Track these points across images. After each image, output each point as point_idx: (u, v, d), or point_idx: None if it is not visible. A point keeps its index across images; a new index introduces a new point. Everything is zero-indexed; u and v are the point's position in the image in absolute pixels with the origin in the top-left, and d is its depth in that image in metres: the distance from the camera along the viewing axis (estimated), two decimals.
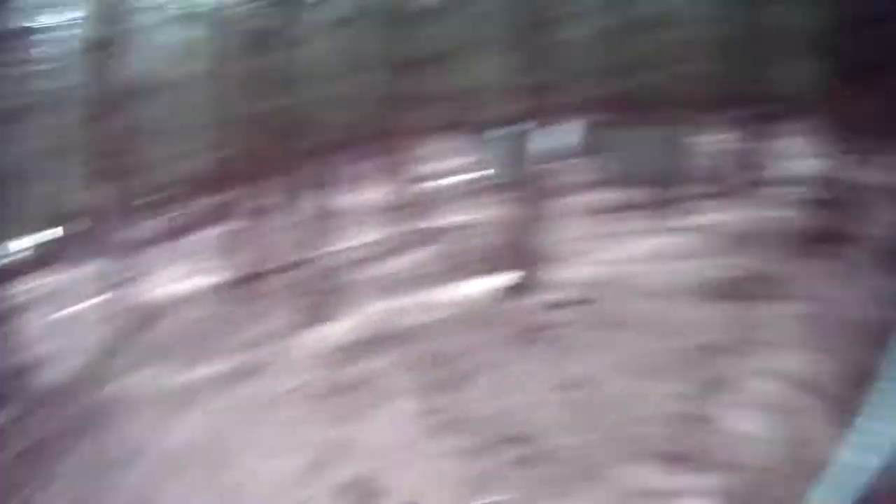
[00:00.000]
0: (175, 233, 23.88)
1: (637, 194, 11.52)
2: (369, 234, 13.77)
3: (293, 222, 16.52)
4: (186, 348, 9.84)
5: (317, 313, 8.82)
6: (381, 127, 22.85)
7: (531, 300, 7.80)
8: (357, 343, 7.85)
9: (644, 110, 12.56)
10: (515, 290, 8.09)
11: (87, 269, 20.40)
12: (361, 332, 8.13)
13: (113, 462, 6.95)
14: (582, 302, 7.51)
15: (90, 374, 10.22)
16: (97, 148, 12.51)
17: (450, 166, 18.10)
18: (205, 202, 28.14)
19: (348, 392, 6.64)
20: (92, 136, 13.14)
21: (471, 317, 7.83)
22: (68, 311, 15.98)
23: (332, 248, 9.38)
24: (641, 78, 12.14)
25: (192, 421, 7.22)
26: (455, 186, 17.19)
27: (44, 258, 22.18)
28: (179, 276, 16.73)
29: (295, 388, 7.12)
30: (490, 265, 9.37)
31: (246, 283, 12.66)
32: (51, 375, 10.91)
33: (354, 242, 12.73)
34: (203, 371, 8.64)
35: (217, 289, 13.03)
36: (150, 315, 12.15)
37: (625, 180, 12.69)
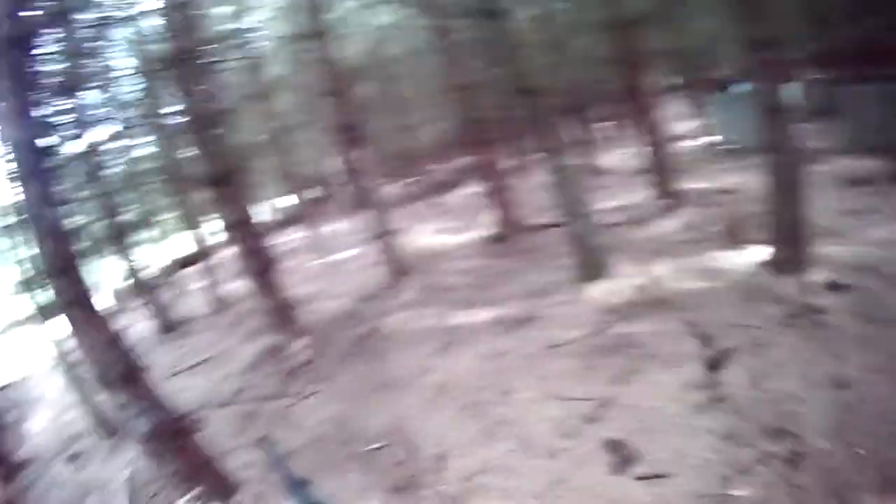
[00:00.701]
0: (426, 193, 25.29)
1: (881, 163, 9.88)
2: (620, 197, 13.95)
3: (539, 184, 16.82)
4: (454, 295, 10.83)
5: (582, 272, 8.99)
6: (607, 90, 22.11)
7: (795, 278, 7.10)
8: (623, 304, 7.93)
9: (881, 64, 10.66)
10: (777, 265, 7.43)
11: (346, 224, 22.64)
12: (627, 294, 8.17)
13: (379, 386, 8.14)
14: (848, 288, 6.65)
15: (358, 311, 11.91)
16: (337, 121, 13.61)
17: (681, 129, 17.20)
18: (447, 166, 29.40)
19: (615, 353, 6.80)
20: (329, 111, 14.27)
21: (734, 289, 7.42)
22: (332, 258, 18.21)
23: (587, 209, 8.97)
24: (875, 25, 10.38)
25: (463, 360, 8.05)
26: (691, 151, 16.63)
27: (305, 215, 24.88)
28: (435, 231, 18.03)
29: (565, 343, 7.43)
30: (746, 236, 8.81)
31: (503, 240, 13.44)
32: (321, 309, 12.85)
33: (608, 204, 12.89)
34: (474, 316, 9.43)
35: (477, 243, 14.07)
36: (412, 264, 13.57)
37: (864, 146, 11.04)
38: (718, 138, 16.75)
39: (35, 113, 5.69)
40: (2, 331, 36.04)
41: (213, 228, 36.24)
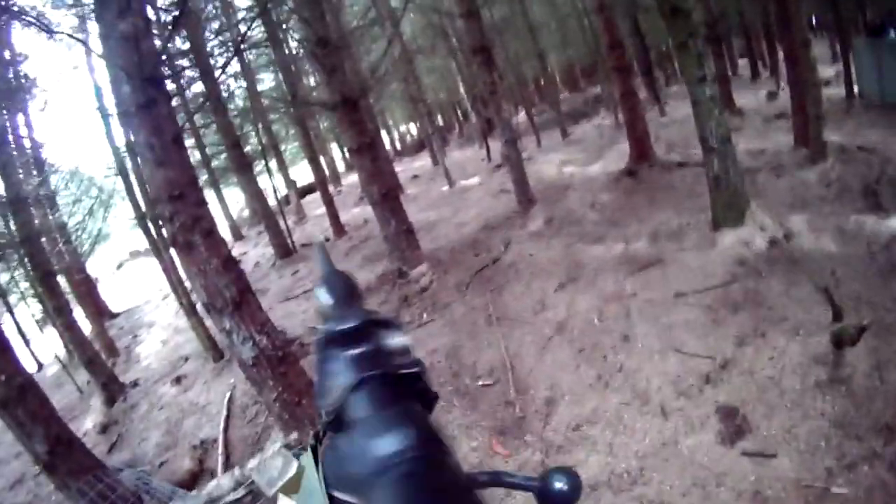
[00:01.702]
0: (556, 122, 24.33)
1: None
2: (758, 141, 12.97)
3: (678, 119, 15.87)
4: (581, 228, 10.75)
5: (717, 216, 8.52)
6: (752, 22, 20.16)
7: None
8: (756, 258, 7.50)
9: None
10: None
11: (474, 152, 22.27)
12: (761, 247, 7.69)
13: (496, 319, 8.22)
14: None
15: (481, 239, 12.07)
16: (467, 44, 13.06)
17: (823, 74, 15.48)
18: (580, 95, 28.19)
19: (742, 310, 6.51)
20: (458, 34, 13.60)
21: (872, 260, 6.82)
22: (458, 186, 17.42)
23: (730, 148, 8.30)
24: None
25: (586, 299, 7.97)
26: (832, 99, 14.66)
27: (431, 141, 24.51)
28: (565, 161, 17.57)
29: (692, 292, 7.18)
30: (891, 202, 7.99)
31: (635, 175, 12.86)
32: (443, 236, 13.21)
33: (746, 147, 11.97)
34: (601, 253, 9.29)
35: (608, 177, 13.60)
36: (539, 194, 13.37)
37: None
38: (860, 89, 15.18)
39: (148, 40, 5.49)
40: (122, 261, 39.24)
41: (336, 156, 37.11)
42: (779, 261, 7.34)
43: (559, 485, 0.70)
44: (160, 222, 5.71)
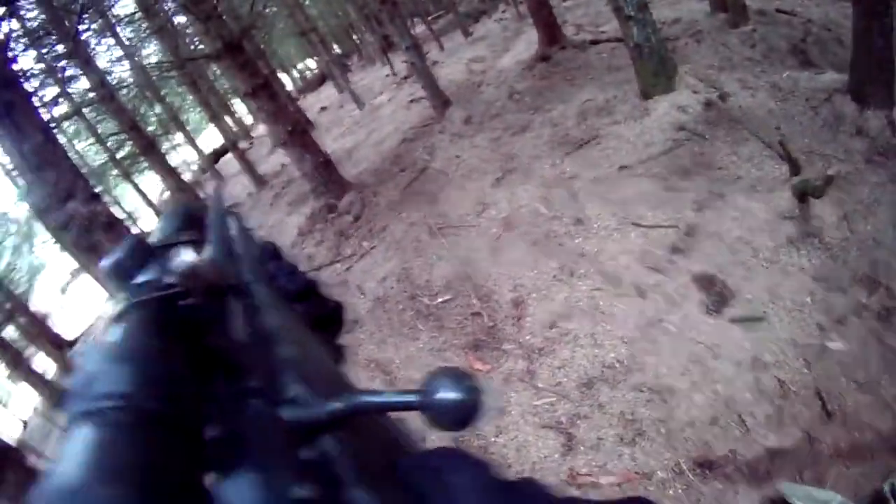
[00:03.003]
0: (456, 25, 23.39)
1: None
2: (674, 9, 12.60)
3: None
4: (504, 121, 10.22)
5: (645, 86, 8.07)
6: None
7: (878, 114, 6.11)
8: (695, 121, 7.10)
9: None
10: (857, 96, 6.35)
11: (378, 71, 21.98)
12: (698, 110, 7.28)
13: (438, 230, 7.66)
14: None
15: (403, 153, 11.00)
16: None
17: None
18: None
19: (694, 175, 6.21)
20: None
21: (812, 114, 6.59)
22: (368, 106, 16.69)
23: (649, 14, 7.86)
24: None
25: (526, 190, 7.46)
26: None
27: (333, 70, 23.90)
28: (473, 59, 16.70)
29: (637, 163, 6.80)
30: (820, 60, 7.94)
31: (549, 60, 12.10)
32: (364, 159, 12.44)
33: (663, 16, 11.57)
34: (530, 141, 8.83)
35: (521, 66, 12.78)
36: (452, 96, 12.59)
37: None
38: None
39: None
40: (64, 284, 37.19)
41: (242, 110, 35.66)
42: (719, 121, 6.96)
43: (444, 394, 0.49)
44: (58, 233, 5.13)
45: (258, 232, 0.87)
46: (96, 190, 5.42)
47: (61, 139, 5.44)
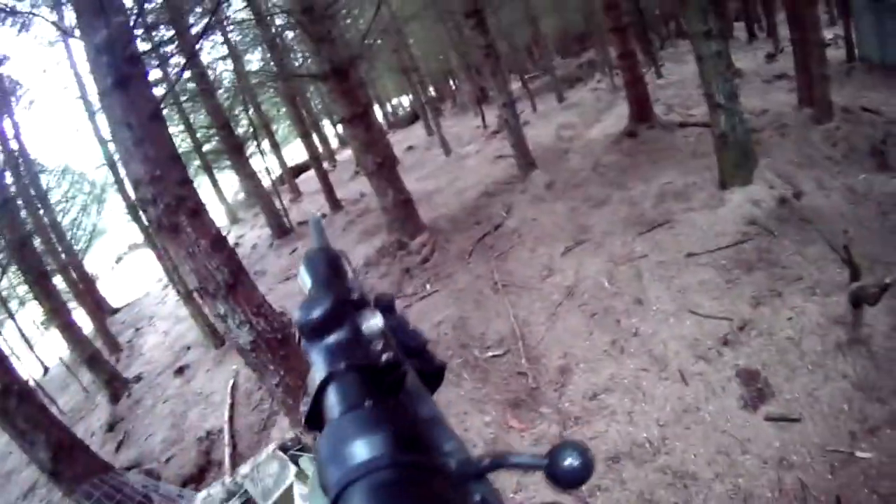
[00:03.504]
0: (553, 88, 23.95)
1: None
2: (762, 101, 12.68)
3: (679, 80, 15.51)
4: (584, 191, 10.45)
5: (725, 175, 8.24)
6: None
7: None
8: (767, 216, 7.21)
9: None
10: None
11: (471, 120, 22.77)
12: (772, 206, 7.40)
13: (502, 287, 8.02)
14: None
15: (482, 206, 11.56)
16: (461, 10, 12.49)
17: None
18: (577, 60, 27.91)
19: (756, 270, 6.30)
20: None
21: (883, 218, 6.70)
22: (456, 154, 16.35)
23: (736, 105, 8.00)
24: None
25: (594, 262, 7.74)
26: (834, 61, 14.35)
27: (428, 111, 25.19)
28: (563, 125, 17.09)
29: (704, 252, 6.96)
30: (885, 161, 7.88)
31: (636, 136, 12.59)
32: (444, 205, 13.00)
33: (750, 106, 11.67)
34: (606, 215, 9.06)
35: (609, 139, 13.25)
36: (539, 159, 12.93)
37: None
38: (860, 51, 14.89)
39: (119, 17, 5.12)
40: (120, 255, 38.96)
41: (330, 132, 36.81)
42: (790, 219, 7.09)
43: (569, 461, 0.58)
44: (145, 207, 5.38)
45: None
46: (189, 176, 5.60)
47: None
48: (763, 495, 4.02)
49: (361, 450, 0.50)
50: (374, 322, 0.67)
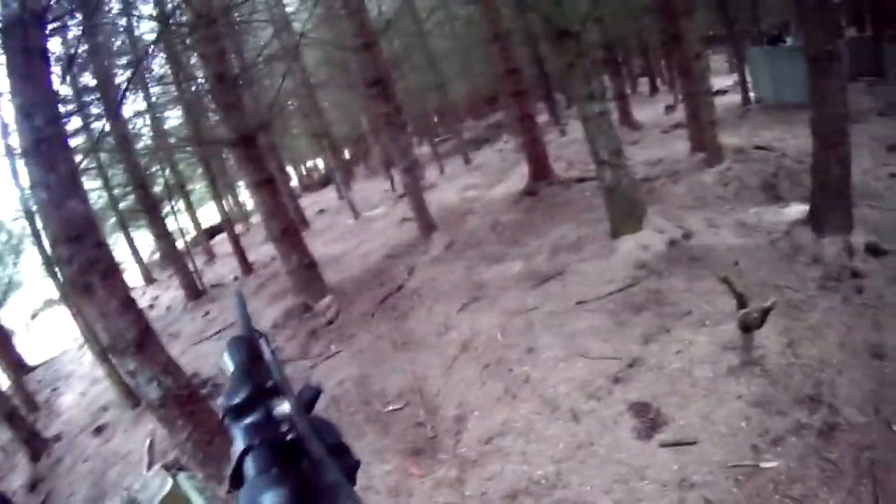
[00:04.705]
0: (457, 150, 24.97)
1: None
2: (655, 151, 13.62)
3: (573, 140, 16.39)
4: (482, 250, 10.73)
5: (615, 225, 8.64)
6: (645, 40, 21.26)
7: (835, 240, 6.65)
8: (656, 260, 7.59)
9: None
10: (816, 225, 6.96)
11: (376, 183, 23.39)
12: (660, 249, 7.81)
13: (402, 345, 8.13)
14: (888, 253, 6.26)
15: (385, 269, 12.00)
16: (366, 77, 14.36)
17: (718, 84, 16.35)
18: (479, 122, 29.19)
19: (645, 310, 6.52)
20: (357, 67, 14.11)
21: (771, 248, 7.07)
22: (362, 217, 17.18)
23: (621, 159, 8.56)
24: None
25: (488, 317, 7.87)
26: (728, 106, 16.11)
27: (334, 175, 25.91)
28: (466, 187, 17.79)
29: (594, 299, 7.16)
30: (785, 193, 8.52)
31: (535, 194, 13.06)
32: (348, 267, 13.25)
33: (643, 157, 12.67)
34: (502, 271, 9.30)
35: (508, 199, 13.75)
36: (441, 220, 13.44)
37: None
38: (756, 94, 16.47)
39: (45, 78, 5.46)
40: (36, 311, 37.34)
41: (245, 194, 36.64)
42: (679, 260, 7.42)
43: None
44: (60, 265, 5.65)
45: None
46: (103, 239, 5.90)
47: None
48: None
49: (268, 501, 0.65)
50: (282, 408, 0.82)
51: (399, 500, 5.17)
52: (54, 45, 11.47)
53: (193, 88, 16.23)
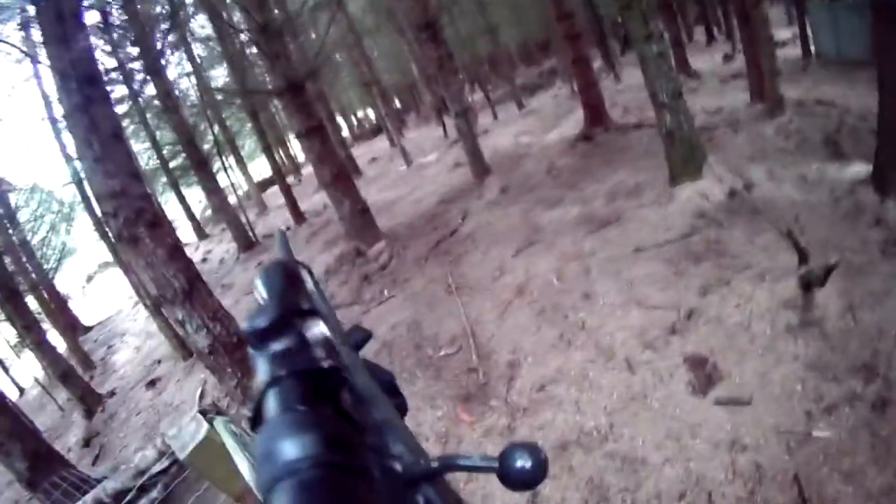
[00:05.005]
0: (510, 97, 24.26)
1: None
2: (715, 100, 12.92)
3: (632, 85, 15.81)
4: (537, 194, 10.51)
5: (674, 172, 8.33)
6: None
7: (894, 204, 6.27)
8: (716, 209, 7.30)
9: None
10: (880, 186, 6.53)
11: (429, 130, 22.27)
12: (720, 199, 7.51)
13: (455, 289, 8.03)
14: None
15: (438, 213, 11.89)
16: (417, 23, 13.70)
17: (778, 36, 15.50)
18: (533, 69, 28.27)
19: (705, 260, 6.32)
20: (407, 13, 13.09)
21: (833, 205, 6.71)
22: (414, 164, 17.40)
23: (682, 104, 8.12)
24: None
25: (544, 261, 7.74)
26: (788, 59, 14.93)
27: (387, 123, 24.77)
28: (520, 132, 17.38)
29: (652, 246, 6.98)
30: (849, 150, 7.97)
31: (591, 140, 12.72)
32: (401, 213, 13.05)
33: (703, 105, 12.05)
34: (558, 216, 9.11)
35: (563, 144, 13.44)
36: (495, 165, 13.30)
37: None
38: (816, 48, 15.46)
39: (81, 41, 5.49)
40: (91, 274, 38.48)
41: (296, 146, 36.82)
42: (739, 210, 7.13)
43: (520, 462, 0.59)
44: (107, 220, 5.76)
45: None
46: (148, 191, 5.95)
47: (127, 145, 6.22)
48: (716, 478, 3.94)
49: (290, 449, 0.50)
50: (317, 330, 0.67)
51: (448, 446, 5.21)
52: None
53: (237, 44, 16.47)
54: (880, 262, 5.55)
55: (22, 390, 19.76)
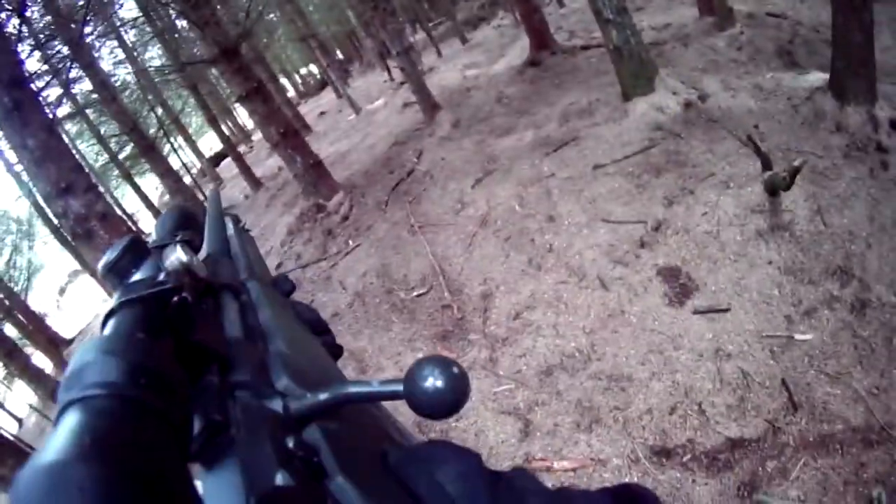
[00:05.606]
0: (452, 32, 23.63)
1: None
2: (662, 15, 12.66)
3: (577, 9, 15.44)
4: (490, 123, 10.13)
5: (627, 88, 7.97)
6: None
7: (858, 109, 6.01)
8: (673, 121, 7.05)
9: None
10: (837, 93, 6.25)
11: (374, 76, 21.74)
12: (676, 111, 7.25)
13: (419, 228, 7.69)
14: None
15: (392, 156, 11.39)
16: None
17: None
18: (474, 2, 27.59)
19: (666, 172, 6.12)
20: None
21: (791, 113, 6.52)
22: (363, 111, 16.66)
23: (629, 19, 7.79)
24: None
25: (504, 189, 7.43)
26: None
27: (330, 76, 23.94)
28: (467, 65, 16.84)
29: (611, 163, 6.73)
30: (803, 60, 7.87)
31: (539, 65, 12.29)
32: (356, 161, 12.56)
33: (650, 21, 11.80)
34: (513, 142, 8.79)
35: (511, 72, 12.95)
36: (444, 100, 12.64)
37: None
38: None
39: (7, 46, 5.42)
40: (63, 285, 37.37)
41: (243, 114, 35.85)
42: (696, 121, 6.90)
43: (430, 381, 0.49)
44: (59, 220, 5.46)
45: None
46: (94, 181, 5.68)
47: (65, 140, 5.85)
48: (704, 388, 3.84)
49: (90, 374, 0.42)
50: (174, 257, 0.59)
51: None
52: None
53: (165, 18, 15.93)
54: (844, 167, 5.44)
55: (20, 420, 19.42)
